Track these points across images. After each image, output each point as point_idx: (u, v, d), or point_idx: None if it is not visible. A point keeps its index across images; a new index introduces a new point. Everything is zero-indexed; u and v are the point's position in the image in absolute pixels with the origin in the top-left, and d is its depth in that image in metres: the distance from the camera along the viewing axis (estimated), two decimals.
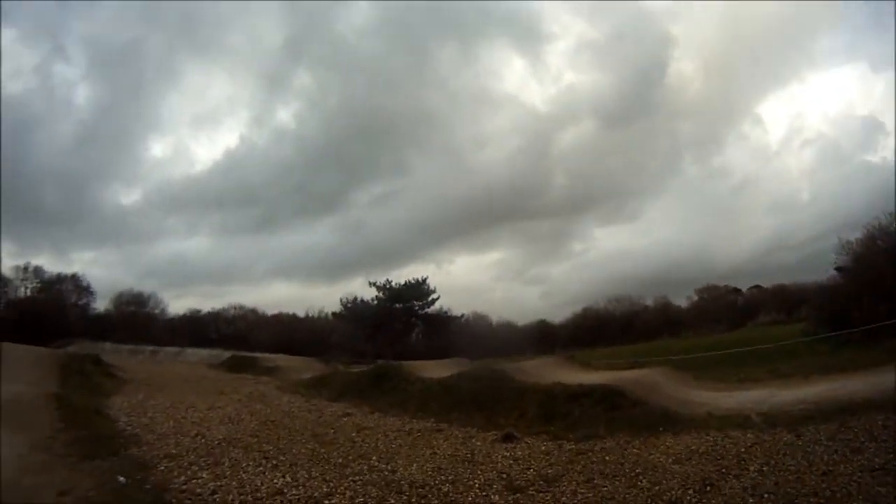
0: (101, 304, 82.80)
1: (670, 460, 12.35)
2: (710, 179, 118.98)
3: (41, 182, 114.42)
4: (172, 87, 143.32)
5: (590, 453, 13.73)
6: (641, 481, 11.20)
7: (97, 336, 65.64)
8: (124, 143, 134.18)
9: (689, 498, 9.89)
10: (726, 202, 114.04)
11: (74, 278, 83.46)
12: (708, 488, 10.24)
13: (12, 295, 77.90)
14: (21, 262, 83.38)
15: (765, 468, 10.95)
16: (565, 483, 11.60)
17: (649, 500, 9.99)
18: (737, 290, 70.53)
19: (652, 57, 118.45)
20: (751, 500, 9.34)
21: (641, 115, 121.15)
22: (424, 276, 68.00)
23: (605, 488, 10.98)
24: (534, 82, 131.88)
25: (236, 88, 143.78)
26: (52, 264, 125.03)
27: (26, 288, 79.35)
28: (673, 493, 10.26)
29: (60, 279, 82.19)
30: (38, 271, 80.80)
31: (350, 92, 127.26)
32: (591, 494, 10.69)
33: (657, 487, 10.66)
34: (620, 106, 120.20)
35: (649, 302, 70.88)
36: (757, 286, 70.02)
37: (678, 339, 52.68)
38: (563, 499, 10.60)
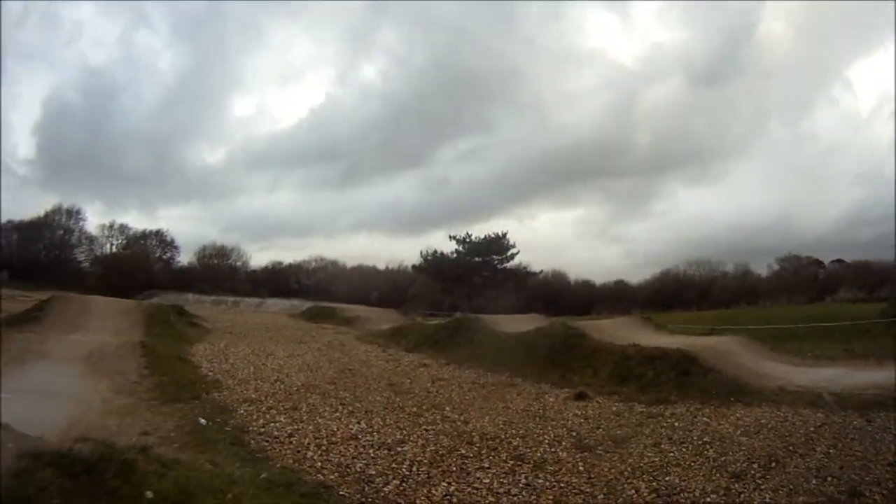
0: (185, 258, 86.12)
1: (738, 432, 11.99)
2: (797, 144, 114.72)
3: (128, 145, 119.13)
4: (256, 47, 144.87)
5: (660, 417, 13.56)
6: (708, 451, 10.93)
7: (181, 288, 68.31)
8: (209, 103, 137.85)
9: (753, 472, 9.58)
10: (812, 169, 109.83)
11: (159, 234, 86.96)
12: (773, 464, 9.88)
13: (98, 252, 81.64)
14: (107, 221, 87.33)
15: (831, 451, 10.46)
16: (633, 445, 11.45)
17: (714, 471, 9.75)
18: (818, 263, 67.82)
19: (741, 16, 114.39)
20: (814, 482, 8.96)
21: (729, 75, 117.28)
22: (504, 231, 67.82)
23: (672, 454, 10.78)
24: (621, 39, 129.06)
25: (321, 46, 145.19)
26: (139, 222, 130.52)
27: (112, 244, 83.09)
28: (738, 465, 9.96)
29: (145, 235, 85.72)
30: (123, 228, 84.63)
31: (435, 49, 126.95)
32: (657, 459, 10.52)
33: (723, 458, 10.38)
34: (708, 65, 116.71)
35: (729, 268, 69.30)
36: (839, 260, 67.06)
37: (755, 307, 51.44)
38: (630, 461, 10.46)
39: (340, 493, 8.74)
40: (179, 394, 14.44)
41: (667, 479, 9.38)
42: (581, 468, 10.11)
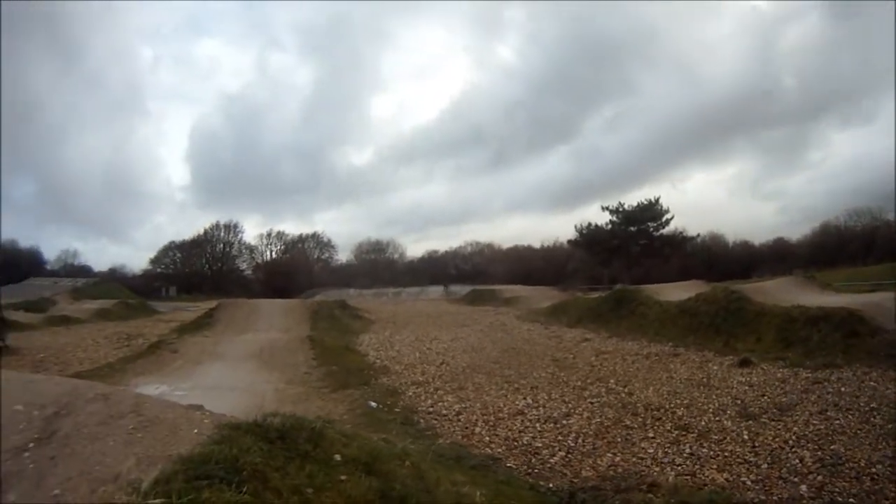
0: (343, 256, 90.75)
1: None
2: None
3: (278, 159, 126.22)
4: (387, 47, 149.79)
5: (825, 383, 12.96)
6: (875, 417, 10.38)
7: (342, 284, 71.27)
8: (349, 108, 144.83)
9: None
10: None
11: (315, 236, 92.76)
12: None
13: (259, 259, 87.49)
14: (264, 230, 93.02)
15: None
16: (798, 413, 11.07)
17: (881, 439, 9.28)
18: None
19: None
20: None
21: (867, 3, 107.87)
22: (657, 197, 66.38)
23: (838, 421, 10.37)
24: None
25: (452, 36, 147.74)
26: (297, 228, 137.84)
27: (271, 251, 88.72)
28: None
29: (302, 239, 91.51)
30: (280, 235, 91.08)
31: (566, 18, 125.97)
32: (822, 427, 10.17)
33: (891, 426, 9.90)
34: None
35: (892, 216, 63.13)
36: None
37: None
38: (795, 429, 10.17)
39: (508, 464, 9.09)
40: (349, 381, 15.35)
41: (832, 447, 8.98)
42: (745, 437, 9.90)
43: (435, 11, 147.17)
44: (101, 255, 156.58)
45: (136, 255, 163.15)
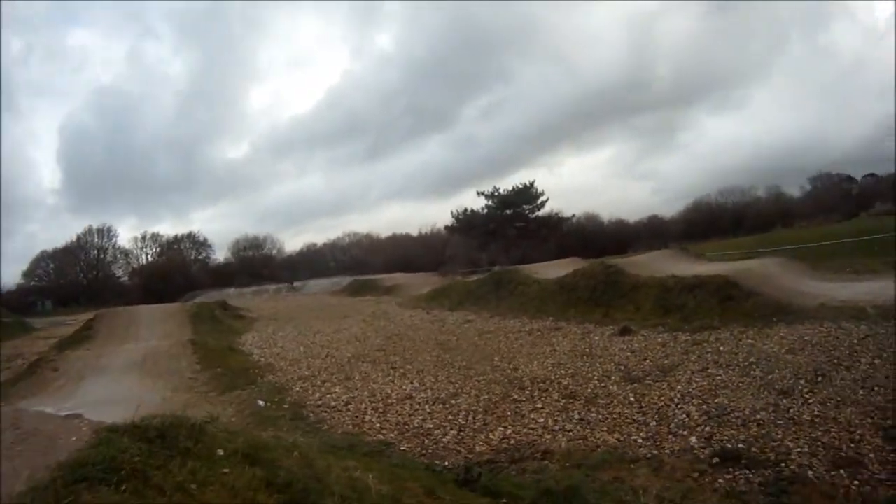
0: (221, 254, 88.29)
1: (783, 350, 12.20)
2: (818, 62, 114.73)
3: (152, 156, 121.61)
4: (263, 38, 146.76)
5: (704, 344, 13.84)
6: (754, 370, 11.12)
7: (222, 283, 69.99)
8: (224, 100, 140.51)
9: (800, 387, 9.73)
10: (835, 86, 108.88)
11: (191, 236, 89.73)
12: (819, 378, 10.03)
13: (135, 263, 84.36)
14: (139, 233, 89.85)
15: (877, 361, 10.56)
16: (680, 372, 11.72)
17: (762, 389, 9.92)
18: (851, 179, 67.16)
19: None
20: (861, 392, 9.08)
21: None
22: (532, 181, 68.21)
23: (720, 377, 11.00)
24: None
25: (328, 26, 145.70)
26: (174, 228, 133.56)
27: (147, 254, 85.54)
28: (785, 382, 10.13)
29: (178, 240, 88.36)
30: (155, 237, 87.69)
31: (444, 7, 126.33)
32: (705, 383, 10.76)
33: (770, 377, 10.56)
34: None
35: (761, 193, 69.42)
36: (871, 174, 65.99)
37: (792, 229, 50.34)
38: (679, 387, 10.70)
39: (402, 448, 9.24)
40: (235, 382, 15.11)
41: (716, 401, 9.66)
42: (632, 399, 10.45)
43: (312, 0, 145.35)
44: None
45: (6, 270, 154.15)
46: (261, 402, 12.71)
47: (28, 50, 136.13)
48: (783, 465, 7.07)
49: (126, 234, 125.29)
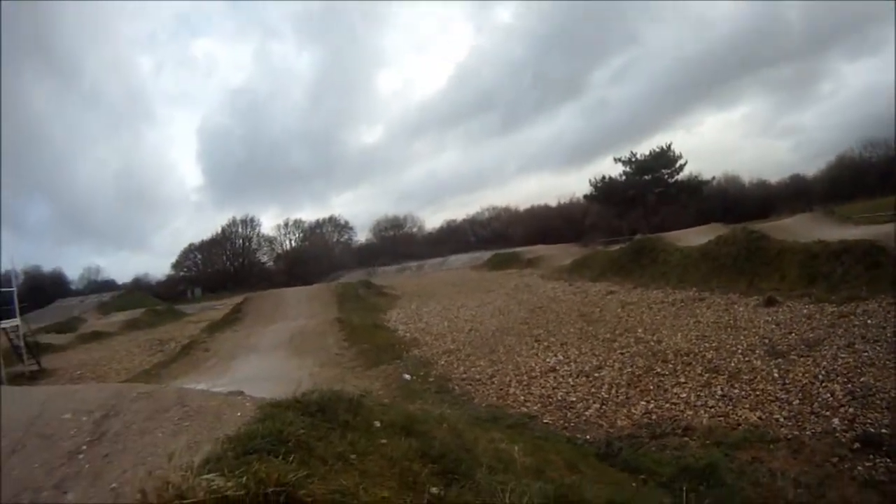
0: (362, 236, 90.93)
1: None
2: None
3: (289, 148, 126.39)
4: (386, 27, 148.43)
5: (851, 316, 12.93)
6: None
7: (365, 263, 71.71)
8: (354, 89, 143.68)
9: None
10: None
11: (332, 220, 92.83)
12: None
13: (279, 249, 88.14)
14: (281, 221, 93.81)
15: None
16: (826, 347, 11.07)
17: None
18: None
19: None
20: None
21: None
22: (669, 143, 65.69)
23: (866, 354, 10.32)
24: None
25: (448, 8, 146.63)
26: (314, 214, 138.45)
27: (290, 240, 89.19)
28: None
29: (319, 224, 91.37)
30: (297, 223, 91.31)
31: None
32: (851, 360, 10.16)
33: None
34: None
35: None
36: None
37: None
38: (824, 363, 10.19)
39: (545, 421, 9.37)
40: (381, 357, 15.65)
41: (861, 380, 9.11)
42: (776, 375, 10.07)
43: None
44: (123, 266, 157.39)
45: (157, 262, 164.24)
46: (407, 376, 13.16)
47: (159, 65, 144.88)
48: None
49: (269, 223, 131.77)
